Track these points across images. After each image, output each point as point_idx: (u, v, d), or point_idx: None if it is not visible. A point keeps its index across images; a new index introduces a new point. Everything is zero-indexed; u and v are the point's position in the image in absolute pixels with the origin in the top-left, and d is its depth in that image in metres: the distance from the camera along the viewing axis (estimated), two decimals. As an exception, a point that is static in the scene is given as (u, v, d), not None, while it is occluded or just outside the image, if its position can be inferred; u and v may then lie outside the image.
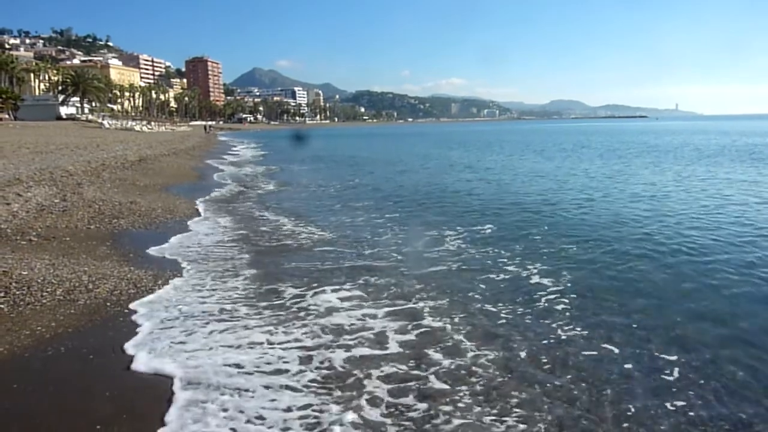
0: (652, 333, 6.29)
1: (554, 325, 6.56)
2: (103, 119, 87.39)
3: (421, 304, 7.37)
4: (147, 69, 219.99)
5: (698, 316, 6.80)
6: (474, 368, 5.43)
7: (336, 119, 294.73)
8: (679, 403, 4.78)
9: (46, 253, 9.07)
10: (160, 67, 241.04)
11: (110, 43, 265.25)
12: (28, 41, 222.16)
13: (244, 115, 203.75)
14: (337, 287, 8.09)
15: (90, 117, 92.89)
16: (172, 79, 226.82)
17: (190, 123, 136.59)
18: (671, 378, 5.24)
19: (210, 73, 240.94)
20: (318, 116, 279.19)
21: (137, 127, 80.00)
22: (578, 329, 6.41)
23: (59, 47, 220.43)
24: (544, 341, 6.11)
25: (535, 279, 8.47)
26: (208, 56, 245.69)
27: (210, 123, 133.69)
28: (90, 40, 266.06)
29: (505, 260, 9.56)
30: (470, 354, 5.76)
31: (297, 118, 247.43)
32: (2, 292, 7.04)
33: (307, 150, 52.27)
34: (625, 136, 74.79)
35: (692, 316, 6.80)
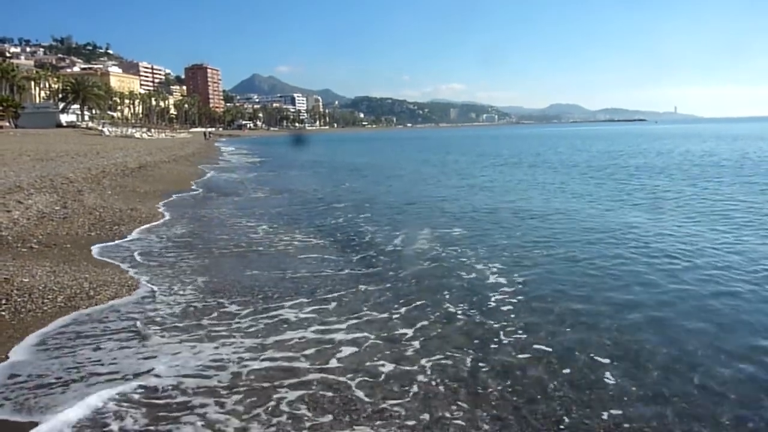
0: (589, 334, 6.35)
1: (496, 326, 6.61)
2: (103, 126, 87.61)
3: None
4: (147, 76, 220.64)
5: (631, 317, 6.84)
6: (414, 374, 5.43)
7: (335, 125, 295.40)
8: (615, 411, 4.68)
9: (47, 260, 9.09)
10: (160, 75, 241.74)
11: (110, 51, 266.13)
12: (28, 49, 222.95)
13: (244, 122, 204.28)
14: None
15: (90, 124, 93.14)
16: (171, 86, 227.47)
17: (190, 130, 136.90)
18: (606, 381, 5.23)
19: (209, 80, 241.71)
20: (317, 122, 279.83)
21: (137, 134, 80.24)
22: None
23: (59, 55, 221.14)
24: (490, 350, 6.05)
25: (493, 279, 8.64)
26: (208, 63, 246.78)
27: (210, 130, 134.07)
28: (90, 47, 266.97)
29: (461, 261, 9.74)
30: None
31: (296, 124, 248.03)
32: (4, 300, 7.04)
33: (305, 155, 53.08)
34: (618, 142, 74.66)
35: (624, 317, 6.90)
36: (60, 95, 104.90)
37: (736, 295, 7.69)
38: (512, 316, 7.00)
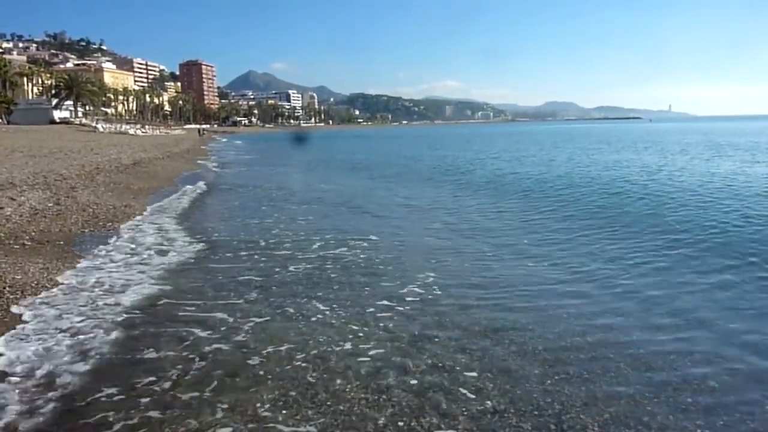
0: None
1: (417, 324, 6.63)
2: (97, 123, 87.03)
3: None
4: (141, 72, 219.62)
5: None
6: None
7: (331, 122, 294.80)
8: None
9: (40, 257, 9.03)
10: (154, 71, 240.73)
11: (104, 47, 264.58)
12: (21, 45, 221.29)
13: (239, 119, 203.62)
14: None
15: (84, 121, 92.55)
16: (166, 83, 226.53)
17: (185, 126, 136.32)
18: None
19: (204, 76, 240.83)
20: (313, 119, 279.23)
21: (131, 131, 79.68)
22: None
23: (53, 51, 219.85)
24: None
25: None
26: (203, 59, 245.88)
27: (204, 126, 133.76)
28: (84, 43, 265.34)
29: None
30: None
31: (292, 121, 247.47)
32: (-5, 297, 7.00)
33: (302, 152, 53.31)
34: (611, 137, 75.07)
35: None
36: (53, 91, 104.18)
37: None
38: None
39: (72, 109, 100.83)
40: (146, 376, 5.18)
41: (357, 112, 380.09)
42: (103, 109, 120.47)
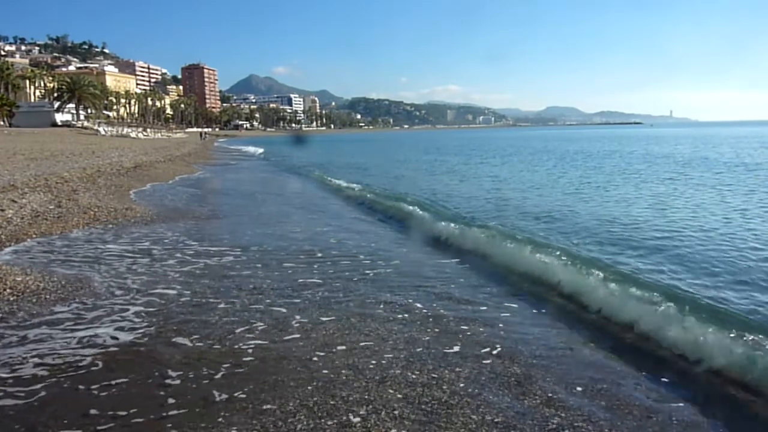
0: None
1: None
2: (98, 126, 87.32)
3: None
4: (143, 76, 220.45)
5: None
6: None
7: (332, 126, 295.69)
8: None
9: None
10: (156, 74, 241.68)
11: (106, 50, 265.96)
12: (23, 48, 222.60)
13: (240, 122, 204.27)
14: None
15: (86, 124, 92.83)
16: (168, 86, 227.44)
17: (186, 130, 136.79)
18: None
19: (206, 80, 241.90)
20: (314, 123, 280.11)
21: (133, 134, 79.99)
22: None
23: (55, 54, 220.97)
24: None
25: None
26: (205, 63, 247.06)
27: (206, 130, 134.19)
28: (86, 46, 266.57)
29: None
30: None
31: (293, 124, 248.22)
32: (-4, 299, 6.97)
33: (303, 153, 54.62)
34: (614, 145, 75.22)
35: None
36: (55, 94, 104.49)
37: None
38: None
39: (74, 112, 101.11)
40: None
41: (359, 116, 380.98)
42: (104, 112, 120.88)
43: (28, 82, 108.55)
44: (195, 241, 11.07)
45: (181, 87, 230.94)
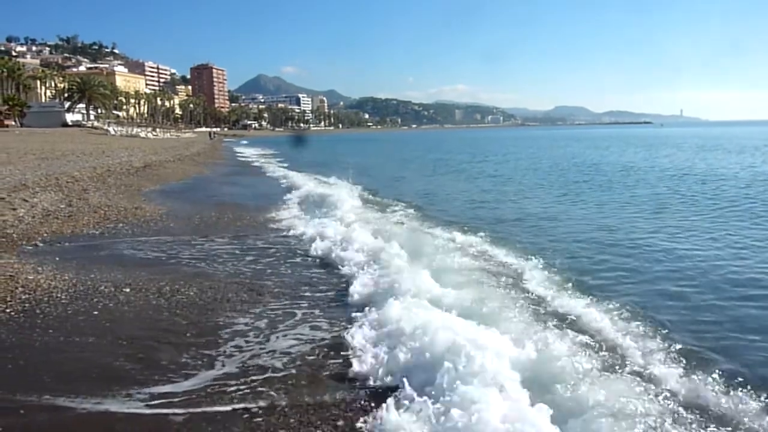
0: None
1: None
2: (108, 126, 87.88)
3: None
4: (152, 76, 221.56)
5: None
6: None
7: (340, 125, 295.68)
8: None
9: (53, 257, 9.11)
10: (165, 74, 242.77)
11: (116, 50, 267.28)
12: (34, 48, 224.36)
13: (249, 122, 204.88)
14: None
15: (96, 124, 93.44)
16: (177, 86, 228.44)
17: (195, 130, 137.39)
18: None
19: (215, 79, 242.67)
20: (322, 123, 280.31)
21: (142, 134, 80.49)
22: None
23: (65, 54, 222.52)
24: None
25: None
26: (214, 63, 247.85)
27: (215, 130, 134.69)
28: (96, 47, 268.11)
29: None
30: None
31: (301, 124, 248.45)
32: (8, 297, 7.07)
33: (307, 153, 54.52)
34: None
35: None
36: (66, 94, 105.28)
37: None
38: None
39: (84, 112, 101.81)
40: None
41: (366, 116, 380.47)
42: (114, 112, 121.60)
43: (39, 82, 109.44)
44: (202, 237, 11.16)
45: (190, 87, 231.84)
